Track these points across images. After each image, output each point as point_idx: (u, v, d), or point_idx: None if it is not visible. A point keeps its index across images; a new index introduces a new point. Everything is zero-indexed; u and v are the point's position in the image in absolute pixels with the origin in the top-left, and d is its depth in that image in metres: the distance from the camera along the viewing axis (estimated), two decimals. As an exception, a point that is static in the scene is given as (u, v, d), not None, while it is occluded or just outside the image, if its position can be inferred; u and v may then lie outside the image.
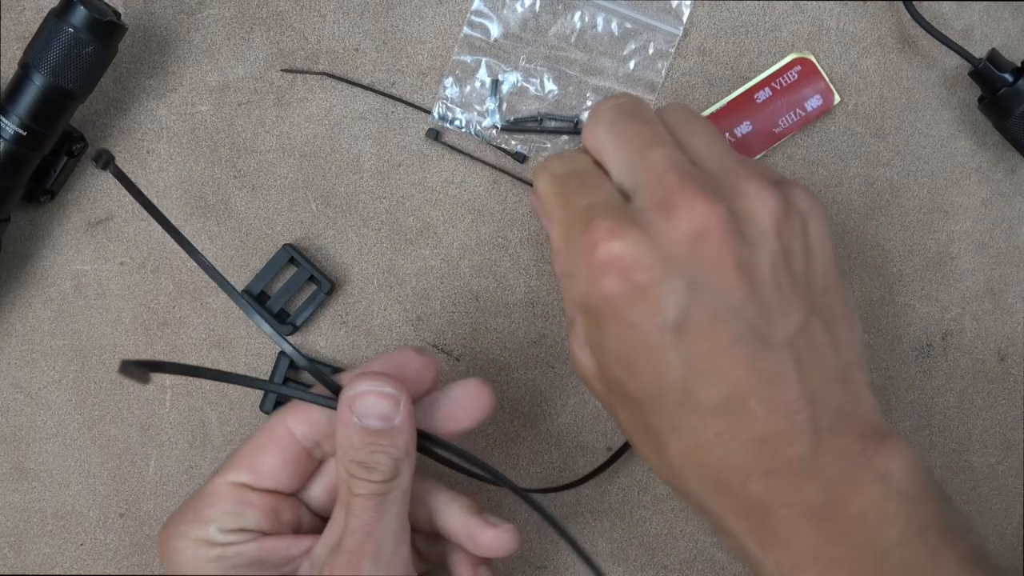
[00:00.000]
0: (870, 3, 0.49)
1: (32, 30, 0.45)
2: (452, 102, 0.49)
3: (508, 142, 0.49)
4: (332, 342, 0.50)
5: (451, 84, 0.49)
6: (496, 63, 0.49)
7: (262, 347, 0.50)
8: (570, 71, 0.49)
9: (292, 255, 0.49)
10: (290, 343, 0.41)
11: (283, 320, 0.49)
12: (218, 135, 0.49)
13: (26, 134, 0.44)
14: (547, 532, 0.50)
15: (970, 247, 0.50)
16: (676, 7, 0.49)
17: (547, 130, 0.49)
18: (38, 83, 0.44)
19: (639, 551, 0.50)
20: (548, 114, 0.49)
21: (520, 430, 0.50)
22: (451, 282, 0.50)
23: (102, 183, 0.49)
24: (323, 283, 0.49)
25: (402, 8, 0.49)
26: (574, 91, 0.49)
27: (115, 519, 0.50)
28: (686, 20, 0.49)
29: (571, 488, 0.49)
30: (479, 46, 0.49)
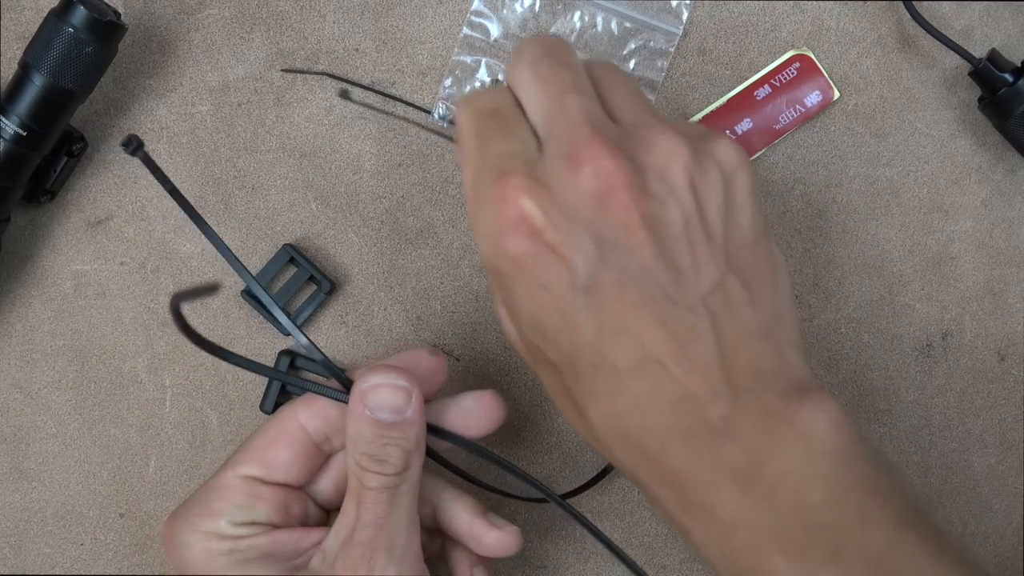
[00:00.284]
0: (870, 3, 0.49)
1: (32, 30, 0.45)
2: (452, 102, 0.49)
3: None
4: (332, 342, 0.50)
5: (451, 84, 0.49)
6: (496, 63, 0.49)
7: (262, 347, 0.50)
8: (570, 71, 0.49)
9: (292, 255, 0.49)
10: (307, 337, 0.41)
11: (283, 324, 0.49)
12: (218, 135, 0.49)
13: (26, 134, 0.44)
14: (547, 533, 0.50)
15: (970, 247, 0.50)
16: (676, 7, 0.49)
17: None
18: (38, 83, 0.44)
19: (639, 551, 0.50)
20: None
21: (520, 430, 0.50)
22: (451, 282, 0.50)
23: (102, 183, 0.49)
24: (323, 283, 0.49)
25: (402, 8, 0.49)
26: (574, 91, 0.49)
27: (115, 519, 0.50)
28: (686, 20, 0.49)
29: (580, 492, 0.49)
30: (479, 46, 0.49)
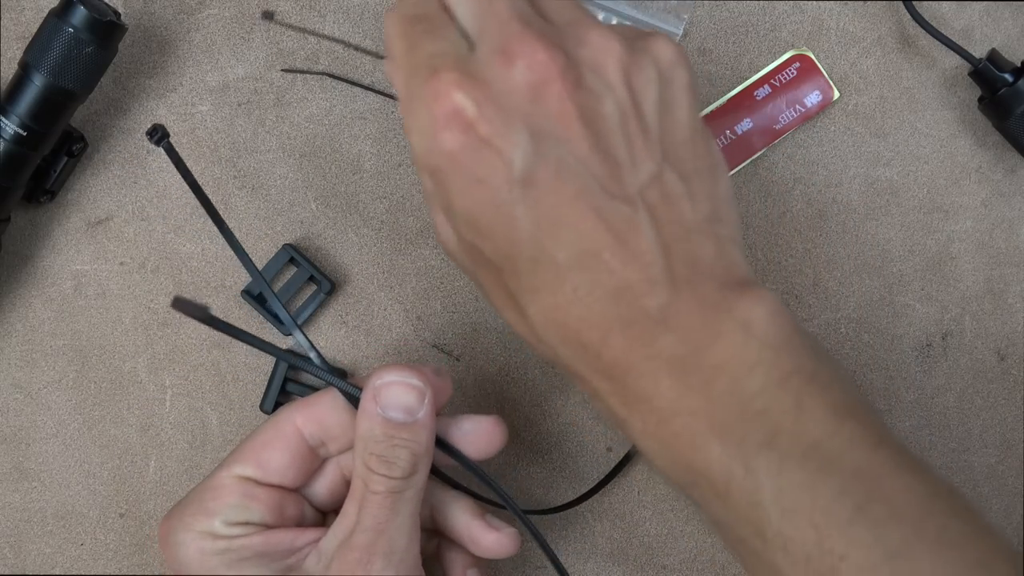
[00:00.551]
0: (870, 3, 0.49)
1: (32, 30, 0.45)
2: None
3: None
4: (332, 342, 0.50)
5: (451, 84, 0.49)
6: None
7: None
8: (570, 71, 0.49)
9: (292, 255, 0.49)
10: (308, 338, 0.41)
11: (283, 320, 0.49)
12: (218, 135, 0.49)
13: (26, 134, 0.44)
14: (547, 533, 0.50)
15: (970, 247, 0.50)
16: (676, 7, 0.49)
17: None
18: (38, 83, 0.44)
19: (639, 551, 0.50)
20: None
21: (520, 430, 0.50)
22: (451, 282, 0.50)
23: (102, 183, 0.49)
24: (323, 283, 0.49)
25: (402, 8, 0.49)
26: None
27: (115, 519, 0.50)
28: (686, 20, 0.49)
29: (578, 503, 0.49)
30: (479, 46, 0.49)
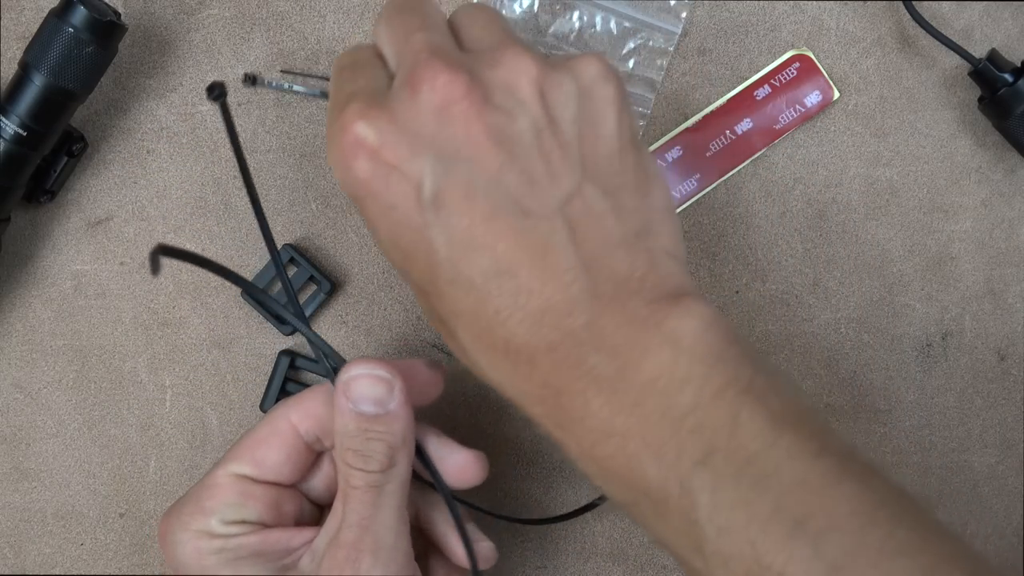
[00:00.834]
0: (870, 3, 0.49)
1: (32, 30, 0.45)
2: None
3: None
4: (332, 342, 0.50)
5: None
6: (496, 63, 0.49)
7: (263, 347, 0.50)
8: (570, 71, 0.49)
9: (292, 255, 0.49)
10: (306, 321, 0.41)
11: (283, 320, 0.49)
12: (218, 135, 0.49)
13: (26, 134, 0.44)
14: (547, 533, 0.50)
15: (970, 247, 0.50)
16: (675, 6, 0.49)
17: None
18: (38, 83, 0.44)
19: (639, 551, 0.50)
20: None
21: (520, 430, 0.50)
22: (451, 282, 0.50)
23: (102, 183, 0.49)
24: (323, 283, 0.49)
25: (402, 8, 0.49)
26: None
27: (115, 519, 0.50)
28: (685, 19, 0.49)
29: (578, 515, 0.49)
30: (479, 46, 0.49)
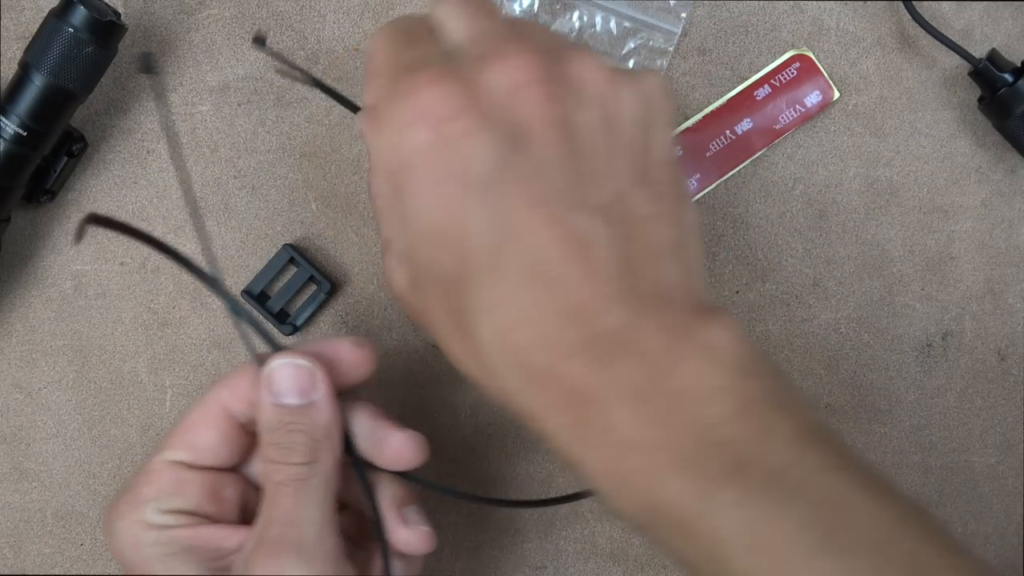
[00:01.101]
0: (870, 3, 0.49)
1: (32, 30, 0.45)
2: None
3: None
4: (332, 342, 0.50)
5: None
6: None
7: (262, 347, 0.50)
8: (570, 71, 0.49)
9: (292, 255, 0.49)
10: (224, 286, 0.39)
11: (283, 320, 0.49)
12: (218, 135, 0.49)
13: (26, 134, 0.44)
14: (547, 533, 0.50)
15: (970, 247, 0.50)
16: (675, 6, 0.49)
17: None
18: (38, 83, 0.44)
19: (639, 551, 0.50)
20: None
21: (519, 429, 0.50)
22: (451, 282, 0.50)
23: (102, 183, 0.49)
24: (323, 283, 0.49)
25: (402, 8, 0.49)
26: (574, 91, 0.49)
27: (115, 519, 0.50)
28: (685, 19, 0.49)
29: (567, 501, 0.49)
30: (479, 46, 0.49)
